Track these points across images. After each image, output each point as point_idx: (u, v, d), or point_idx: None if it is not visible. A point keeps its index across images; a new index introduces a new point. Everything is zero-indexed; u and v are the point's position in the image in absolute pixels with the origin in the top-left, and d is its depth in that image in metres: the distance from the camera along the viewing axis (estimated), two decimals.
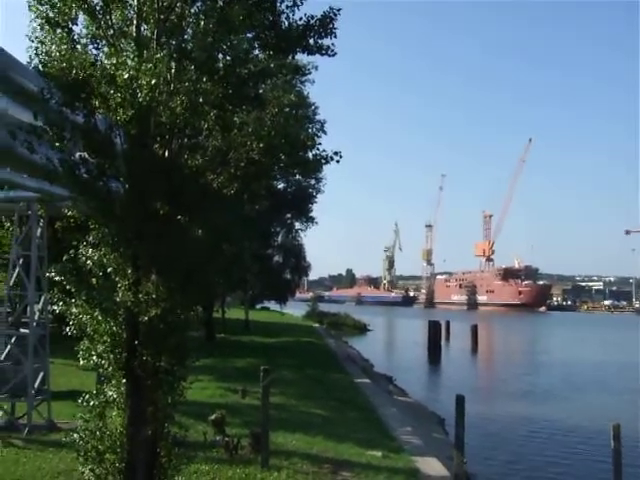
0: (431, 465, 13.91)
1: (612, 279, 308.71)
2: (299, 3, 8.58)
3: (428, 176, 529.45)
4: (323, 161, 8.87)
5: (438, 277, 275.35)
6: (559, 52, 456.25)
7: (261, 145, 8.39)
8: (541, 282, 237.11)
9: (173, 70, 7.95)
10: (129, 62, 7.57)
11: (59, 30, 8.12)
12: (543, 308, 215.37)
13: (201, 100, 7.85)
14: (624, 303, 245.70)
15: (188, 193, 8.16)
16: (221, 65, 8.16)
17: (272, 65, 8.67)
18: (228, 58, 8.25)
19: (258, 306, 78.63)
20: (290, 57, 9.42)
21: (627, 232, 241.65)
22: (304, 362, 29.54)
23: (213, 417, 14.69)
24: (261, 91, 9.30)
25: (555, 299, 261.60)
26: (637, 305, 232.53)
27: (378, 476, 12.63)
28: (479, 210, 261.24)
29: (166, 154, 8.26)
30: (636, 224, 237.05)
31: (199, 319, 11.02)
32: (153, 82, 7.28)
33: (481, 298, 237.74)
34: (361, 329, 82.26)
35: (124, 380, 8.20)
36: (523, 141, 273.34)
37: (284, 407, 18.63)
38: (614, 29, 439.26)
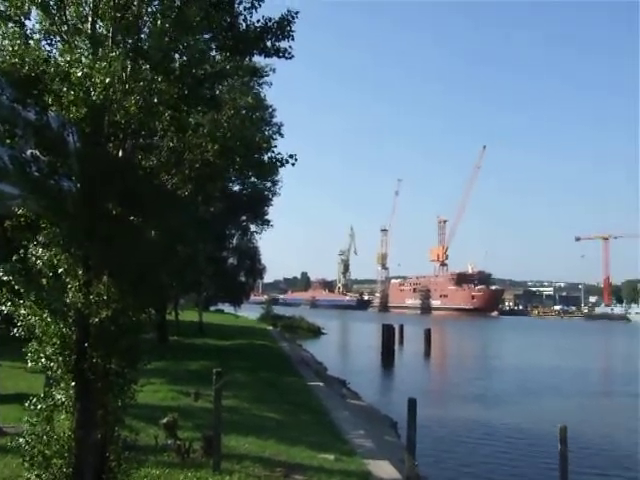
0: (383, 468, 13.98)
1: (562, 285, 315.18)
2: (257, 5, 8.58)
3: (384, 180, 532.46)
4: (278, 164, 8.87)
5: (393, 281, 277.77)
6: (520, 56, 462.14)
7: (216, 147, 8.36)
8: (494, 287, 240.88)
9: (128, 69, 7.86)
10: (83, 60, 7.46)
11: (11, 24, 7.97)
12: (495, 313, 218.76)
13: (156, 100, 7.77)
14: (573, 308, 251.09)
15: (142, 194, 8.08)
16: (177, 65, 8.10)
17: (229, 66, 8.65)
18: (184, 58, 8.19)
19: (212, 308, 78.07)
20: (247, 59, 9.41)
21: (577, 239, 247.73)
22: (258, 365, 29.42)
23: (165, 420, 14.52)
24: (217, 92, 9.26)
25: (507, 304, 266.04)
26: (586, 310, 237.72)
27: (330, 479, 12.65)
28: (435, 215, 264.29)
29: (120, 154, 8.16)
30: (586, 231, 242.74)
31: (152, 321, 10.92)
32: (107, 81, 7.19)
33: (435, 302, 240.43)
34: (315, 332, 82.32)
35: (73, 383, 8.05)
36: (479, 146, 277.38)
37: (237, 410, 18.53)
38: (583, 31, 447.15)
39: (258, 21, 8.64)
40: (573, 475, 13.35)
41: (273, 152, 9.04)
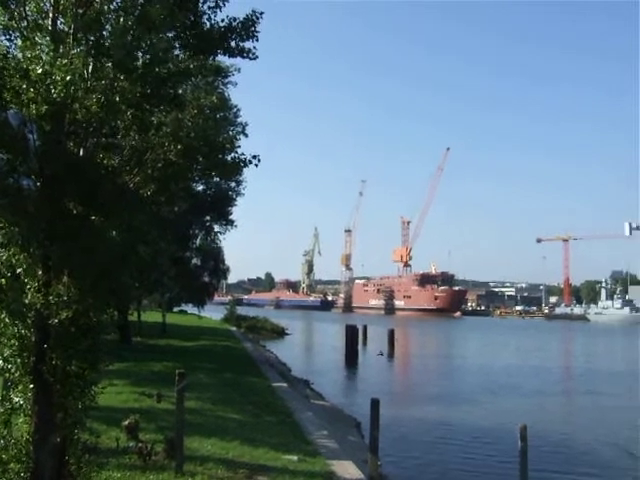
0: (346, 468, 14.00)
1: (524, 285, 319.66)
2: (221, 4, 8.54)
3: (349, 181, 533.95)
4: (242, 164, 8.84)
5: (356, 282, 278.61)
6: (487, 52, 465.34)
7: (179, 146, 8.30)
8: (457, 288, 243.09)
9: (90, 67, 7.76)
10: (44, 56, 7.35)
11: None
12: (458, 313, 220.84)
13: (118, 99, 7.69)
14: (534, 308, 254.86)
15: (103, 193, 7.98)
16: (140, 64, 8.02)
17: (192, 66, 8.59)
18: (147, 57, 8.11)
19: (176, 309, 77.51)
20: (211, 58, 9.36)
21: (538, 240, 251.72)
22: (221, 366, 29.26)
23: (126, 422, 14.36)
24: (181, 92, 9.20)
25: (470, 304, 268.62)
26: (546, 311, 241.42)
27: None
28: (399, 216, 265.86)
29: (81, 152, 8.06)
30: (546, 233, 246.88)
31: (113, 322, 10.80)
32: (68, 78, 7.09)
33: (398, 303, 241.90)
34: (279, 333, 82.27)
35: (32, 385, 7.92)
36: (442, 147, 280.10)
37: (200, 411, 18.40)
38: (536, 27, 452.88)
39: (222, 20, 8.61)
40: (533, 473, 13.53)
41: (237, 152, 9.02)
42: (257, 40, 8.77)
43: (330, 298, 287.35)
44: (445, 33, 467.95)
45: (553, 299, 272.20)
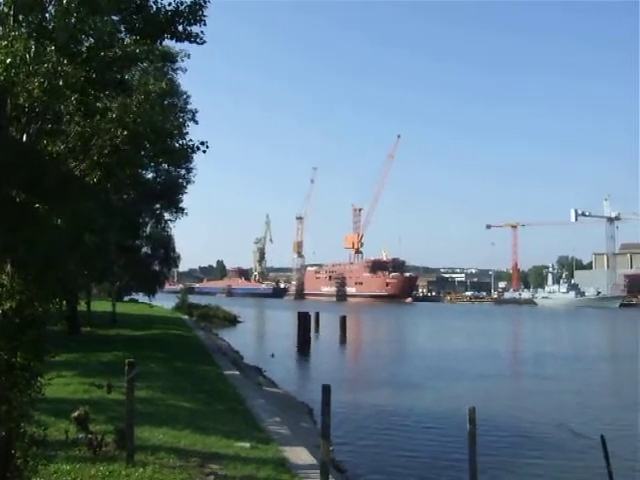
0: (299, 454, 14.07)
1: (473, 271, 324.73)
2: None
3: (301, 168, 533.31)
4: (190, 151, 8.73)
5: (308, 269, 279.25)
6: (429, 38, 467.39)
7: (125, 132, 8.14)
8: (408, 274, 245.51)
9: (32, 50, 7.54)
10: None
11: None
12: (409, 299, 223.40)
13: (61, 83, 7.49)
14: (484, 294, 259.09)
15: (48, 180, 7.79)
16: (84, 47, 7.83)
17: (138, 50, 8.42)
18: (92, 40, 7.93)
19: (126, 298, 76.57)
20: (158, 43, 9.20)
21: (488, 227, 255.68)
22: (172, 355, 29.03)
23: (76, 414, 14.12)
24: (128, 77, 9.03)
25: (421, 290, 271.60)
26: (495, 296, 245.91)
27: (246, 467, 12.61)
28: (350, 203, 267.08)
29: (24, 138, 7.85)
30: (496, 219, 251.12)
31: (61, 312, 10.60)
32: (9, 61, 6.89)
33: (350, 289, 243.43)
34: (231, 321, 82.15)
35: None
36: (394, 135, 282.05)
37: (151, 401, 18.22)
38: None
39: (169, 4, 8.47)
40: (482, 457, 13.77)
41: (185, 139, 8.90)
42: (205, 24, 8.65)
43: (282, 285, 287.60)
44: (392, 19, 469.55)
45: (502, 284, 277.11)
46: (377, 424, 23.94)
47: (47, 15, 7.91)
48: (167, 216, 45.95)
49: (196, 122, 32.99)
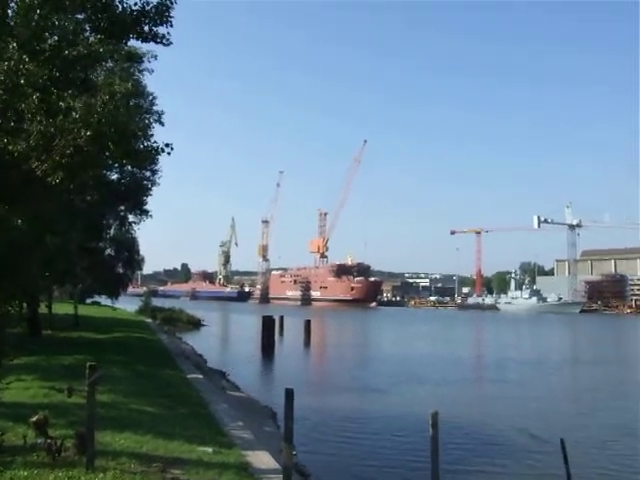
0: (262, 459, 14.00)
1: (438, 276, 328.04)
2: None
3: (267, 172, 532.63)
4: (154, 152, 8.64)
5: (273, 273, 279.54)
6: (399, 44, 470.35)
7: (89, 132, 8.00)
8: (372, 279, 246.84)
9: None
10: None
11: None
12: (374, 304, 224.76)
13: (23, 81, 7.35)
14: (448, 299, 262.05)
15: (8, 180, 7.65)
16: (47, 45, 7.69)
17: (102, 49, 8.29)
18: (55, 38, 7.79)
19: (89, 301, 75.79)
20: (124, 43, 9.10)
21: (452, 232, 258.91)
22: (135, 358, 28.71)
23: (35, 418, 13.85)
24: (92, 76, 8.90)
25: (385, 295, 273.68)
26: (459, 301, 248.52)
27: (209, 472, 12.50)
28: (316, 207, 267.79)
29: None
30: (461, 225, 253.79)
31: (21, 314, 10.41)
32: None
33: (315, 294, 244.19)
34: (195, 324, 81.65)
35: None
36: (360, 140, 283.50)
37: (112, 405, 17.98)
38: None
39: (135, 4, 8.37)
40: (445, 461, 13.88)
41: (150, 141, 8.81)
42: (171, 26, 8.57)
43: (247, 289, 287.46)
44: (356, 25, 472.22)
45: (465, 290, 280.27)
46: (341, 428, 23.95)
47: (9, 11, 7.76)
48: (131, 218, 45.47)
49: (162, 124, 32.78)
